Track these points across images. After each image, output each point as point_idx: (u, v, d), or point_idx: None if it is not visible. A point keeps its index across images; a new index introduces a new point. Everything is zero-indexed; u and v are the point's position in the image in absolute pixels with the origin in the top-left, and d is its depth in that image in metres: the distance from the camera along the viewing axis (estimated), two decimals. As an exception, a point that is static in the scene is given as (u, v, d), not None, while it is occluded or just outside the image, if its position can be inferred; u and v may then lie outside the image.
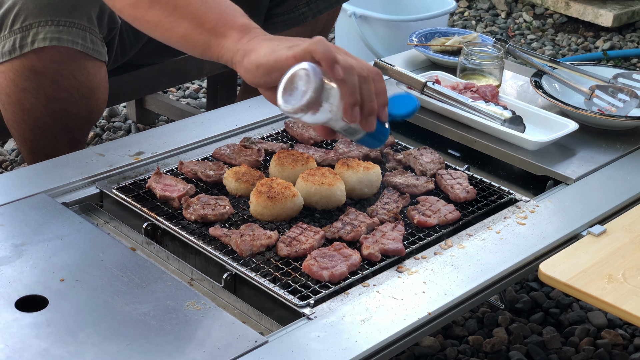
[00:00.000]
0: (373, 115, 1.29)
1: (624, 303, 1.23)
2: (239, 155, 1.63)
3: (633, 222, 1.43)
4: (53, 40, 1.64)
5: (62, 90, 1.69)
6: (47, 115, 1.71)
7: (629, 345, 1.92)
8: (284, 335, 1.18)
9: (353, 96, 1.25)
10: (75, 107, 1.72)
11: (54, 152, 1.77)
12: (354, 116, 1.25)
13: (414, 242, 1.42)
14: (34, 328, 1.15)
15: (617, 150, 1.73)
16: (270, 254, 1.37)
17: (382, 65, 1.88)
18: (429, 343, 1.87)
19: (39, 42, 1.64)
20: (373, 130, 1.29)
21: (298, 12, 2.12)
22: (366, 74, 1.27)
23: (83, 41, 1.67)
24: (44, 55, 1.65)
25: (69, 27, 1.65)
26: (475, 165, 1.75)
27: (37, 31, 1.64)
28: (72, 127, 1.75)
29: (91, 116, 1.78)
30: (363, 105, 1.27)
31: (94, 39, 1.70)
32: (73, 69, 1.68)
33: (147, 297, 1.23)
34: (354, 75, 1.25)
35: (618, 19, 3.77)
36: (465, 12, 4.04)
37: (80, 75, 1.70)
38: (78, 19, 1.66)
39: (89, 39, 1.68)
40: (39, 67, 1.66)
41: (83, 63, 1.69)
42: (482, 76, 1.94)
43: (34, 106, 1.70)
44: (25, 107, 1.70)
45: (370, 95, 1.27)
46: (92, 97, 1.74)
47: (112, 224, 1.47)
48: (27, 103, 1.70)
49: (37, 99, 1.69)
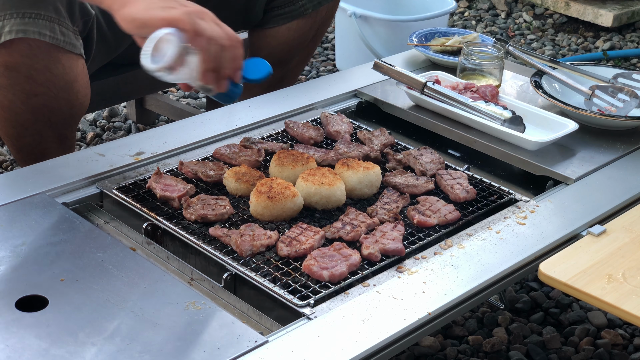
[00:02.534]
0: (225, 78, 1.44)
1: (624, 303, 1.23)
2: (239, 155, 1.63)
3: (633, 222, 1.43)
4: (19, 33, 1.62)
5: (38, 85, 1.68)
6: (28, 112, 1.70)
7: (629, 345, 1.92)
8: (284, 335, 1.18)
9: (210, 63, 1.40)
10: (55, 102, 1.71)
11: (42, 149, 1.76)
12: (207, 79, 1.42)
13: (414, 242, 1.42)
14: (34, 328, 1.15)
15: (617, 150, 1.73)
16: (270, 254, 1.37)
17: (382, 65, 1.88)
18: (429, 343, 1.87)
19: (5, 35, 1.62)
20: (224, 91, 1.46)
21: (298, 5, 2.12)
22: (227, 43, 1.40)
23: (52, 33, 1.65)
24: (13, 49, 1.63)
25: (35, 19, 1.63)
26: (475, 165, 1.75)
27: (3, 24, 1.62)
28: (55, 122, 1.74)
29: (73, 111, 1.76)
30: (219, 70, 1.41)
31: (64, 31, 1.68)
32: (47, 62, 1.67)
33: (147, 297, 1.23)
34: (213, 45, 1.39)
35: (618, 19, 3.77)
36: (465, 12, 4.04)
37: (55, 68, 1.68)
38: (44, 10, 1.64)
39: (58, 31, 1.66)
40: (10, 62, 1.65)
41: (56, 56, 1.67)
42: (482, 76, 1.94)
43: (13, 103, 1.69)
44: (4, 105, 1.70)
45: (226, 62, 1.41)
46: (70, 91, 1.72)
47: (112, 224, 1.47)
48: (6, 100, 1.69)
49: (15, 95, 1.68)
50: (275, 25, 2.14)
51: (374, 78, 1.98)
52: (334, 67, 3.38)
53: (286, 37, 2.16)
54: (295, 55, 2.21)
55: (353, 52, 3.23)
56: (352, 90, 1.96)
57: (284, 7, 2.12)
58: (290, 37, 2.16)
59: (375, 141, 1.73)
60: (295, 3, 2.12)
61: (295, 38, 2.16)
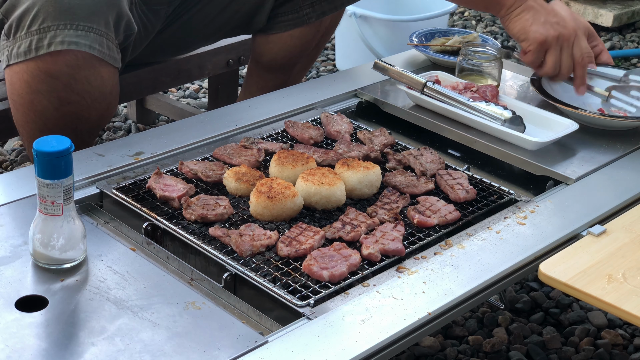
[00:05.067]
0: None
1: (624, 303, 1.23)
2: (239, 155, 1.63)
3: (633, 222, 1.43)
4: (71, 45, 1.63)
5: (74, 94, 1.69)
6: (58, 118, 1.71)
7: (629, 345, 1.92)
8: (284, 335, 1.18)
9: None
10: (86, 112, 1.72)
11: None
12: None
13: (414, 242, 1.42)
14: (34, 328, 1.15)
15: (617, 150, 1.73)
16: (270, 254, 1.37)
17: (382, 65, 1.88)
18: (429, 343, 1.87)
19: (56, 45, 1.62)
20: None
21: (302, 13, 2.12)
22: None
23: (100, 46, 1.66)
24: (60, 58, 1.64)
25: (87, 32, 1.64)
26: (475, 165, 1.75)
27: (55, 34, 1.62)
28: (81, 130, 1.75)
29: (101, 121, 1.77)
30: None
31: (110, 45, 1.69)
32: (88, 73, 1.68)
33: (147, 297, 1.23)
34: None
35: (618, 19, 3.77)
36: (465, 12, 4.04)
37: (94, 80, 1.69)
38: (96, 24, 1.65)
39: (105, 45, 1.67)
40: (54, 71, 1.65)
41: (98, 68, 1.69)
42: (481, 77, 1.94)
43: (46, 109, 1.69)
44: (37, 109, 1.70)
45: None
46: (103, 102, 1.73)
47: (112, 224, 1.47)
48: (39, 105, 1.69)
49: (50, 101, 1.69)
50: (278, 31, 2.14)
51: (374, 78, 1.98)
52: (334, 67, 3.38)
53: (288, 44, 2.16)
54: (297, 62, 2.22)
55: (353, 52, 3.23)
56: (352, 90, 1.96)
57: (288, 15, 2.12)
58: (293, 44, 2.16)
59: (375, 141, 1.73)
60: (299, 11, 2.12)
61: (298, 45, 2.17)
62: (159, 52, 2.12)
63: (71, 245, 1.27)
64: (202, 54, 2.29)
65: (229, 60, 2.38)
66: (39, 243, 1.26)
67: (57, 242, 1.26)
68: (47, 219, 1.25)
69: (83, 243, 1.29)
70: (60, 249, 1.26)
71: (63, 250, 1.26)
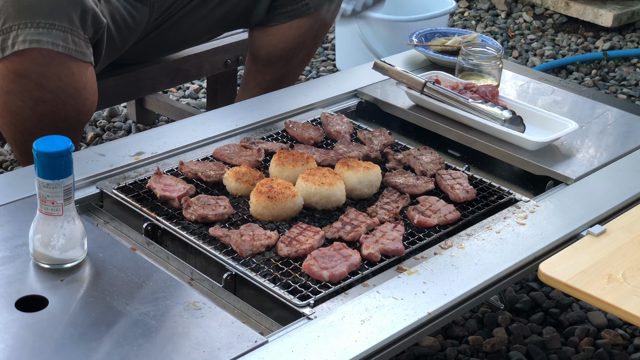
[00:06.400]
0: None
1: (624, 303, 1.23)
2: (239, 155, 1.63)
3: (633, 222, 1.43)
4: (33, 43, 1.63)
5: (47, 92, 1.69)
6: (35, 117, 1.71)
7: (629, 345, 1.92)
8: (284, 335, 1.18)
9: None
10: (62, 109, 1.72)
11: None
12: None
13: (414, 242, 1.42)
14: (34, 328, 1.15)
15: (617, 150, 1.73)
16: (270, 254, 1.37)
17: (382, 65, 1.88)
18: (429, 343, 1.87)
19: (19, 45, 1.63)
20: None
21: (302, 4, 2.12)
22: None
23: (65, 43, 1.66)
24: (25, 57, 1.64)
25: (49, 29, 1.64)
26: (475, 165, 1.75)
27: (17, 34, 1.63)
28: (61, 128, 1.75)
29: (80, 117, 1.77)
30: None
31: (76, 40, 1.69)
32: (57, 70, 1.68)
33: (147, 297, 1.23)
34: None
35: (618, 19, 3.77)
36: (465, 12, 4.04)
37: (65, 77, 1.69)
38: (58, 20, 1.65)
39: (70, 40, 1.67)
40: (21, 70, 1.66)
41: (67, 64, 1.68)
42: (481, 77, 1.94)
43: (21, 109, 1.70)
44: (12, 110, 1.70)
45: None
46: (79, 98, 1.73)
47: (112, 224, 1.47)
48: (14, 106, 1.70)
49: (23, 101, 1.69)
50: (277, 23, 2.15)
51: (374, 78, 1.98)
52: (334, 67, 3.38)
53: (287, 36, 2.16)
54: (296, 54, 2.21)
55: (353, 52, 3.23)
56: (352, 90, 1.96)
57: (287, 6, 2.13)
58: (292, 35, 2.16)
59: (375, 141, 1.73)
60: (298, 2, 2.13)
61: (297, 36, 2.17)
62: (157, 49, 2.12)
63: (71, 245, 1.27)
64: (200, 54, 2.29)
65: (227, 60, 2.38)
66: (39, 243, 1.26)
67: (57, 242, 1.26)
68: (47, 219, 1.25)
69: (83, 243, 1.29)
70: (60, 249, 1.26)
71: (63, 250, 1.26)
